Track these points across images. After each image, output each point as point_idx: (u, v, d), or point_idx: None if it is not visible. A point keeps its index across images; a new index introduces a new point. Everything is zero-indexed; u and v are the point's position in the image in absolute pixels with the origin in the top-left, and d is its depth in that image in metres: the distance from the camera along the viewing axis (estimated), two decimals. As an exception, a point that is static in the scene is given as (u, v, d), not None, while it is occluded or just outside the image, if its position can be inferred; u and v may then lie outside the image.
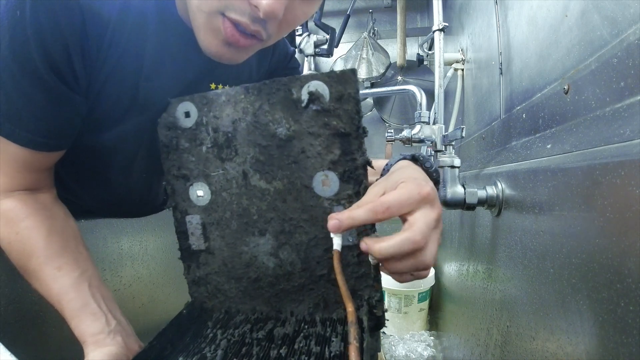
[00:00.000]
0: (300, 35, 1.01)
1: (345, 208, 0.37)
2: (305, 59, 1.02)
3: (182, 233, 0.44)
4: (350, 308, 0.33)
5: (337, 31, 1.54)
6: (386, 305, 1.05)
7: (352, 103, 0.35)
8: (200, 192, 0.42)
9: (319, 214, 0.38)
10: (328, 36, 1.04)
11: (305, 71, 0.92)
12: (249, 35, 0.39)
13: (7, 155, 0.45)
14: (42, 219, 0.47)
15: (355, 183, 0.37)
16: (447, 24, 0.71)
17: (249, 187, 0.40)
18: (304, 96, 0.36)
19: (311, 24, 1.17)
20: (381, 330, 0.51)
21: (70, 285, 0.44)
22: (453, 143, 0.61)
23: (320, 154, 0.37)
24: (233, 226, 0.42)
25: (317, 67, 1.90)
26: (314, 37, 1.00)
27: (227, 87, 0.42)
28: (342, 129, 0.36)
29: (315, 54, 1.02)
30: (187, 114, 0.42)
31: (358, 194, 0.37)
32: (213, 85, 0.55)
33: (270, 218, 0.40)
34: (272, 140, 0.38)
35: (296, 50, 0.97)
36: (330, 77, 0.36)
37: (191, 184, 0.42)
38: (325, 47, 1.20)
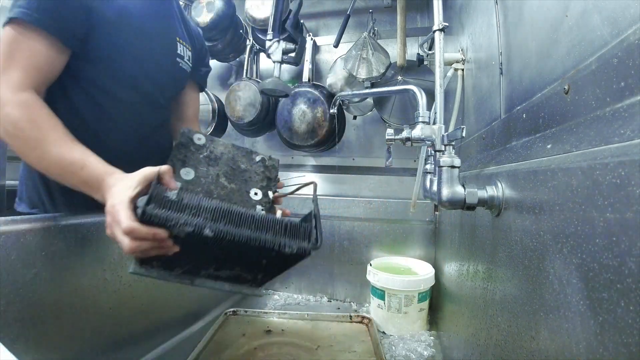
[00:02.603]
0: (270, 40, 1.03)
1: (262, 207, 0.69)
2: (274, 65, 1.04)
3: None
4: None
5: (338, 31, 1.54)
6: (386, 305, 1.05)
7: (276, 170, 0.75)
8: (188, 173, 0.66)
9: (249, 206, 0.68)
10: (297, 45, 1.05)
11: (275, 74, 0.99)
12: None
13: (31, 51, 0.60)
14: (50, 110, 0.61)
15: (268, 196, 0.71)
16: (447, 24, 0.71)
17: (218, 183, 0.68)
18: (259, 158, 0.75)
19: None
20: (382, 331, 0.90)
21: (86, 150, 0.60)
22: (453, 143, 0.61)
23: (257, 181, 0.72)
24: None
25: (316, 67, 1.90)
26: (283, 45, 1.01)
27: (227, 142, 0.74)
28: (269, 176, 0.74)
29: (282, 61, 1.03)
30: (199, 139, 0.70)
31: (269, 202, 0.70)
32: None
33: (223, 199, 0.66)
34: (238, 167, 0.72)
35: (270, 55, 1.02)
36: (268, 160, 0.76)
37: (185, 167, 0.66)
38: (293, 55, 1.20)
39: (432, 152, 0.82)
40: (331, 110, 1.41)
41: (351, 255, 1.32)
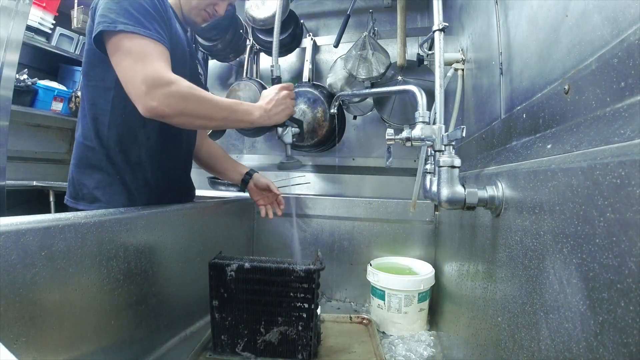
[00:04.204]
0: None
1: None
2: (286, 146, 1.15)
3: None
4: None
5: (338, 31, 1.54)
6: (386, 305, 1.05)
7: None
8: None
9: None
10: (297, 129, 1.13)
11: (287, 154, 1.17)
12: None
13: (161, 52, 0.81)
14: None
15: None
16: (447, 24, 0.71)
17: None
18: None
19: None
20: (382, 331, 0.99)
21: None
22: (453, 143, 0.61)
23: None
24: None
25: (316, 67, 1.90)
26: (293, 129, 1.16)
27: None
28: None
29: (293, 143, 1.15)
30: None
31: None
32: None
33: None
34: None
35: None
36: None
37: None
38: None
39: (432, 152, 0.82)
40: (331, 110, 1.40)
41: (351, 255, 1.32)
